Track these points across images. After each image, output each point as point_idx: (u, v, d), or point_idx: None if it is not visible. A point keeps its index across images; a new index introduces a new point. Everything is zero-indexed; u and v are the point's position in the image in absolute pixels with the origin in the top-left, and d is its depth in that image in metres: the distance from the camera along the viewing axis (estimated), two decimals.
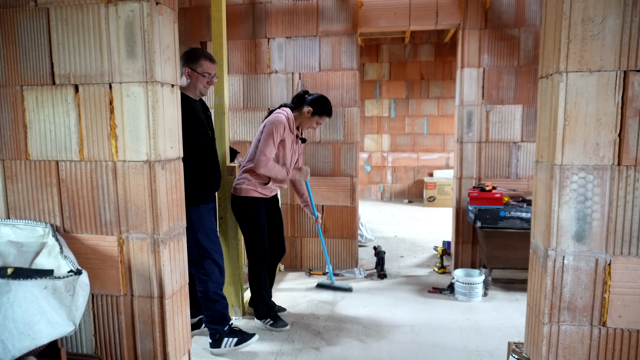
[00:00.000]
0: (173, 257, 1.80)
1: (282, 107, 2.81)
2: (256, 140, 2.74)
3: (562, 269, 1.61)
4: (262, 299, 2.85)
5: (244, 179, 2.74)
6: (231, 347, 2.50)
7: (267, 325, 2.82)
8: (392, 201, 8.13)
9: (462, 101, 3.66)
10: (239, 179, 2.77)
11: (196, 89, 2.39)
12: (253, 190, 2.72)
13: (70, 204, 1.76)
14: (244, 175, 2.76)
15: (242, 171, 2.79)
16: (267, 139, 2.62)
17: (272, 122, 2.65)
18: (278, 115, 2.70)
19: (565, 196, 1.58)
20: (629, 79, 1.50)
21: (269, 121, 2.68)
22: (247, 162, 2.78)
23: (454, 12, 3.63)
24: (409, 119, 8.01)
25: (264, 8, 3.82)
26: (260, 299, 2.85)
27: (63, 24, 1.67)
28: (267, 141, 2.62)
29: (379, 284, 3.67)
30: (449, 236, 4.75)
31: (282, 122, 2.66)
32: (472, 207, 3.43)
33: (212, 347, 2.52)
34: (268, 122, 2.68)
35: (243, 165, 2.80)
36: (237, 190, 2.75)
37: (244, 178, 2.74)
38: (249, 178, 2.72)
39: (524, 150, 3.66)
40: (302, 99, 2.81)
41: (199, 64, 2.35)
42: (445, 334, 2.73)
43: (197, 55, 2.36)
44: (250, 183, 2.72)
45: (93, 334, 1.82)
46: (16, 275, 1.40)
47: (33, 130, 1.75)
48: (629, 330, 1.60)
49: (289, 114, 2.74)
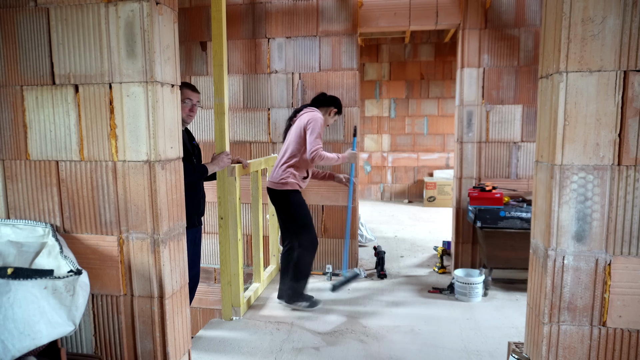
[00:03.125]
0: (173, 257, 1.80)
1: (308, 107, 3.06)
2: (294, 137, 2.98)
3: (562, 269, 1.61)
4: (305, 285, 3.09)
5: (288, 173, 2.98)
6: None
7: (305, 307, 3.06)
8: (392, 201, 8.13)
9: (462, 101, 3.66)
10: (283, 174, 2.99)
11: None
12: (297, 184, 3.02)
13: (70, 204, 1.76)
14: (288, 170, 2.99)
15: (284, 167, 3.00)
16: (314, 134, 2.89)
17: (315, 119, 2.92)
18: (315, 113, 2.98)
19: (565, 196, 1.58)
20: (629, 79, 1.50)
21: (312, 119, 2.93)
22: (287, 159, 2.99)
23: (454, 12, 3.63)
24: (409, 119, 8.01)
25: (264, 8, 3.82)
26: (304, 285, 3.08)
27: (63, 24, 1.67)
28: (315, 136, 2.89)
29: (379, 284, 3.67)
30: (449, 236, 4.75)
31: (321, 119, 2.98)
32: (472, 207, 3.43)
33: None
34: (312, 120, 2.92)
35: (284, 162, 3.01)
36: (284, 184, 2.98)
37: (289, 173, 2.98)
38: (294, 172, 2.99)
39: (524, 150, 3.66)
40: (324, 101, 3.11)
41: (182, 92, 2.41)
42: (445, 334, 2.73)
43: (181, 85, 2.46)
44: (295, 177, 3.00)
45: (93, 334, 1.82)
46: (16, 275, 1.40)
47: (33, 130, 1.75)
48: (629, 330, 1.60)
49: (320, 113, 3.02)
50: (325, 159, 2.94)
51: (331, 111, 3.09)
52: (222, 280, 2.93)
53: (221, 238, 2.91)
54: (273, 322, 2.91)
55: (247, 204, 3.88)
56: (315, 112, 3.00)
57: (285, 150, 3.06)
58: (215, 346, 2.60)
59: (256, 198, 3.36)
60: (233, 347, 2.59)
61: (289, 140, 3.03)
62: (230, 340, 2.68)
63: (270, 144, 3.97)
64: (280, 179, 2.99)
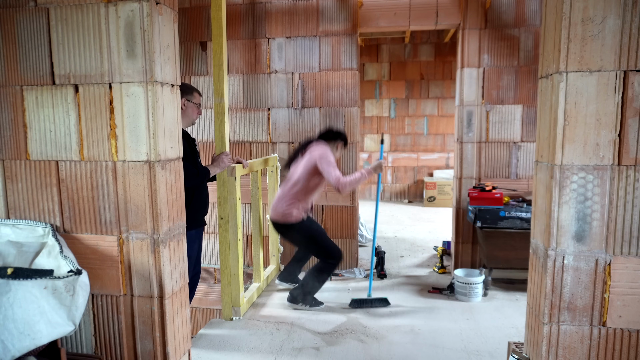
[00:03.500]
0: (173, 257, 1.80)
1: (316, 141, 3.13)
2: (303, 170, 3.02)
3: (562, 269, 1.61)
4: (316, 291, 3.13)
5: (292, 206, 3.00)
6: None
7: (308, 307, 3.10)
8: (392, 201, 8.13)
9: (462, 101, 3.66)
10: (287, 207, 3.01)
11: (190, 118, 2.58)
12: (300, 215, 3.04)
13: (70, 204, 1.76)
14: (291, 202, 3.01)
15: (289, 198, 3.02)
16: (329, 166, 2.92)
17: (327, 153, 2.98)
18: (325, 147, 3.05)
19: (565, 196, 1.58)
20: (629, 79, 1.50)
21: (323, 153, 2.97)
22: (293, 190, 3.03)
23: (454, 12, 3.63)
24: (409, 119, 8.01)
25: (264, 8, 3.82)
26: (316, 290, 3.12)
27: (63, 24, 1.67)
28: (330, 167, 2.92)
29: (378, 284, 3.67)
30: (449, 236, 4.75)
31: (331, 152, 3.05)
32: (472, 207, 3.43)
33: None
34: (323, 154, 2.97)
35: (289, 193, 3.03)
36: (288, 217, 3.01)
37: (293, 206, 3.01)
38: (298, 204, 3.02)
39: (524, 150, 3.66)
40: (332, 135, 3.18)
41: (194, 95, 2.58)
42: (445, 334, 2.73)
43: (191, 88, 2.59)
44: (299, 209, 3.02)
45: (93, 334, 1.82)
46: (16, 275, 1.40)
47: (33, 130, 1.75)
48: (629, 330, 1.60)
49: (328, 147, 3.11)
50: (352, 184, 2.90)
51: (338, 145, 3.18)
52: (222, 280, 2.93)
53: (221, 238, 2.91)
54: (273, 322, 2.92)
55: (247, 204, 3.88)
56: (325, 146, 3.07)
57: (291, 181, 3.08)
58: (215, 346, 2.60)
59: (256, 198, 3.36)
60: (233, 347, 2.59)
61: (297, 172, 3.06)
62: (230, 340, 2.68)
63: (270, 144, 3.97)
64: (284, 211, 3.02)
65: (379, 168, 3.09)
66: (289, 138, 3.93)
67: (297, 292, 3.11)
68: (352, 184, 2.88)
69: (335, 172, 2.89)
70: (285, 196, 3.05)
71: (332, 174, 2.88)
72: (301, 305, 3.11)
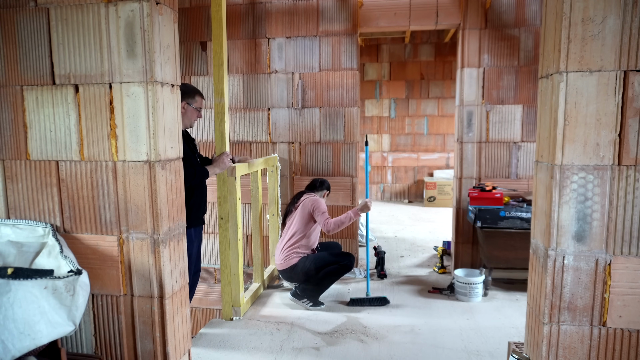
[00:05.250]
0: (173, 257, 1.80)
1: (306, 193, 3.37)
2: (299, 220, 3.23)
3: (562, 269, 1.61)
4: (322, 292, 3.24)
5: (294, 253, 3.20)
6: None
7: (308, 306, 3.15)
8: (392, 201, 8.13)
9: (462, 101, 3.66)
10: (288, 255, 3.20)
11: (189, 121, 2.57)
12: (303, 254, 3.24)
13: (70, 204, 1.76)
14: (294, 251, 3.21)
15: (289, 248, 3.21)
16: (322, 213, 3.19)
17: (318, 202, 3.25)
18: (315, 197, 3.32)
19: (565, 196, 1.57)
20: (629, 79, 1.50)
21: (315, 202, 3.24)
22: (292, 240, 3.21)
23: (454, 12, 3.63)
24: (409, 119, 8.01)
25: (264, 8, 3.82)
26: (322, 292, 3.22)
27: (63, 24, 1.67)
28: (323, 214, 3.19)
29: (379, 284, 3.67)
30: (449, 236, 4.75)
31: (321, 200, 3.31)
32: (472, 207, 3.43)
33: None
34: (315, 203, 3.24)
35: (288, 244, 3.22)
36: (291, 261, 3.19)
37: (295, 254, 3.20)
38: (299, 252, 3.22)
39: (524, 150, 3.66)
40: (318, 186, 3.44)
41: (195, 99, 2.55)
42: (445, 334, 2.73)
43: (193, 91, 2.56)
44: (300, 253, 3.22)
45: (93, 334, 1.82)
46: (16, 275, 1.40)
47: (33, 130, 1.76)
48: (629, 330, 1.60)
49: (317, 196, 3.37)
50: (337, 223, 3.15)
51: (325, 194, 3.46)
52: (222, 280, 2.93)
53: (221, 238, 2.91)
54: (273, 322, 2.92)
55: (247, 204, 3.88)
56: (315, 196, 3.33)
57: (289, 233, 3.27)
58: (216, 346, 2.60)
59: (256, 198, 3.36)
60: (233, 347, 2.59)
61: (294, 224, 3.26)
62: (230, 339, 2.68)
63: (270, 144, 3.97)
64: (287, 258, 3.21)
65: (366, 208, 3.20)
66: (289, 138, 3.93)
67: (303, 288, 3.15)
68: (337, 224, 3.14)
69: (324, 215, 3.20)
70: (285, 247, 3.25)
71: (321, 218, 3.20)
72: (304, 301, 3.14)
